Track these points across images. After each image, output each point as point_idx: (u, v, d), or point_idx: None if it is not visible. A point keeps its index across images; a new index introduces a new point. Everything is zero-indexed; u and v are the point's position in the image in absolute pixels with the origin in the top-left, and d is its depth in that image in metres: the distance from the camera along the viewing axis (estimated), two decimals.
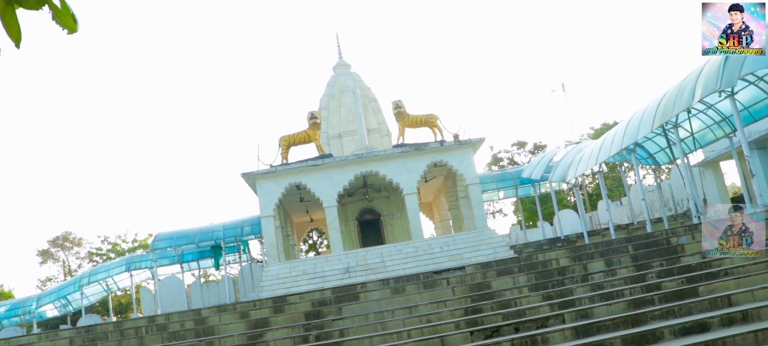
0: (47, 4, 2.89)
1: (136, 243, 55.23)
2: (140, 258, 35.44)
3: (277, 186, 28.56)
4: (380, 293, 19.00)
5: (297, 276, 25.47)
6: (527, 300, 15.93)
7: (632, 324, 12.42)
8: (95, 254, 55.74)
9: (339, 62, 37.65)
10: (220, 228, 30.68)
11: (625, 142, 22.19)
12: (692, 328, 11.35)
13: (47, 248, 57.16)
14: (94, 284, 36.09)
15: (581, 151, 26.68)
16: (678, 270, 15.56)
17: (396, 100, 30.98)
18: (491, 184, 33.30)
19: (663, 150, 26.35)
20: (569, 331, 12.69)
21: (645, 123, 21.03)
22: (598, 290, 15.56)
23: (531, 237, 33.38)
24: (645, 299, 13.81)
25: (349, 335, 15.85)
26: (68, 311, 38.30)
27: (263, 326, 17.88)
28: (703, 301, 12.65)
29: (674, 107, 19.05)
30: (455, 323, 15.14)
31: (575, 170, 25.88)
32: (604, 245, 20.03)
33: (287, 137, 30.31)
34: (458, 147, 29.06)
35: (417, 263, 25.07)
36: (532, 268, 18.90)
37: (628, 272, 16.71)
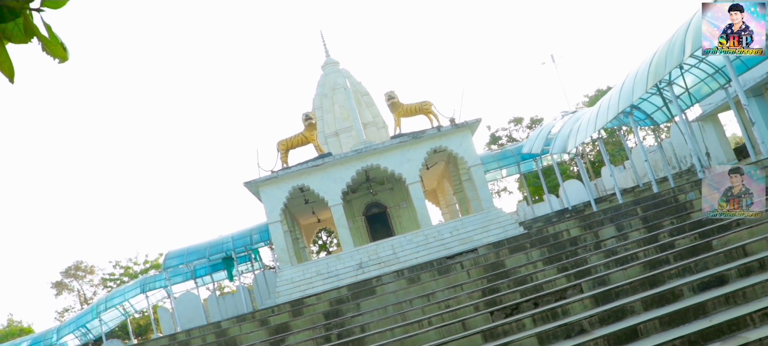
0: (36, 37, 2.89)
1: (147, 264, 55.33)
2: (154, 278, 35.47)
3: (280, 191, 28.60)
4: (396, 285, 19.11)
5: (311, 278, 25.55)
6: (543, 274, 16.03)
7: (650, 285, 12.52)
8: (109, 280, 55.87)
9: (327, 60, 37.63)
10: (229, 239, 30.74)
11: (621, 105, 22.20)
12: (711, 282, 11.43)
13: (61, 279, 57.29)
14: (111, 309, 36.11)
15: (578, 120, 26.69)
16: (689, 226, 15.63)
17: (389, 91, 30.99)
18: (493, 163, 33.31)
19: (660, 109, 26.37)
20: (588, 300, 12.79)
21: (639, 84, 21.04)
22: (612, 255, 15.65)
23: (539, 211, 33.42)
24: (660, 259, 13.90)
25: (370, 330, 15.97)
26: (89, 339, 38.32)
27: (284, 330, 17.99)
28: (718, 254, 12.73)
29: (666, 65, 19.05)
30: (474, 305, 15.25)
31: (575, 140, 25.90)
32: (612, 210, 20.12)
33: (285, 141, 30.33)
34: (455, 130, 29.07)
35: (428, 250, 25.14)
36: (544, 242, 18.99)
37: (640, 234, 16.79)
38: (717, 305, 10.36)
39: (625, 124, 27.47)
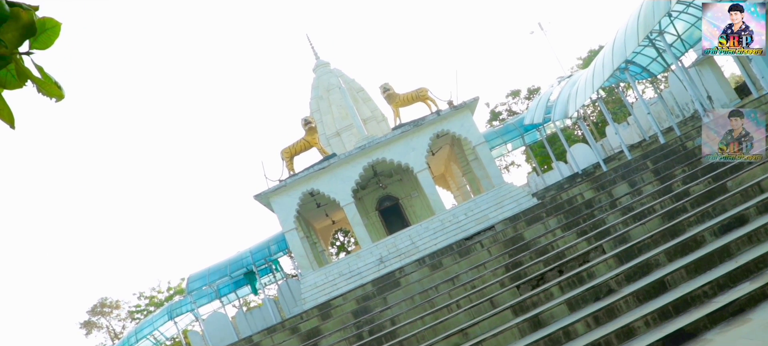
0: (30, 80, 2.90)
1: (171, 290, 55.61)
2: (179, 304, 35.68)
3: (290, 199, 28.73)
4: (419, 274, 19.24)
5: (334, 280, 25.70)
6: (563, 241, 16.14)
7: (671, 236, 12.62)
8: (136, 312, 56.22)
9: (318, 63, 37.70)
10: (248, 254, 30.92)
11: (616, 62, 22.22)
12: (731, 224, 11.53)
13: (88, 319, 57.66)
14: (142, 340, 36.37)
15: (575, 83, 26.71)
16: (702, 172, 15.70)
17: (383, 83, 31.05)
18: (497, 139, 33.40)
19: (655, 60, 26.40)
20: (612, 259, 12.91)
21: (630, 38, 21.05)
22: (629, 212, 15.75)
23: (549, 180, 33.47)
24: (677, 208, 13.99)
25: (400, 322, 16.11)
26: None
27: (315, 335, 18.14)
28: (734, 195, 12.81)
29: (655, 15, 19.07)
30: (499, 281, 15.38)
31: (574, 104, 25.93)
32: (622, 167, 20.21)
33: (288, 149, 30.46)
34: (455, 113, 29.13)
35: (446, 235, 25.25)
36: (559, 209, 19.10)
37: (653, 187, 16.88)
38: (740, 245, 10.47)
39: (623, 80, 27.55)
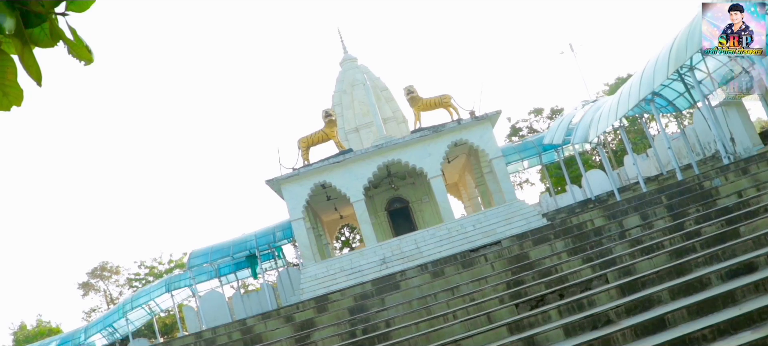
0: (62, 40, 2.92)
1: (172, 263, 55.82)
2: (178, 278, 35.72)
3: (302, 188, 28.68)
4: (420, 279, 19.10)
5: (335, 274, 25.60)
6: (568, 265, 15.94)
7: (677, 274, 12.39)
8: (134, 280, 56.48)
9: (345, 57, 37.65)
10: (253, 237, 30.88)
11: (642, 92, 22.00)
12: (739, 269, 11.29)
13: (87, 280, 57.97)
14: (137, 308, 36.46)
15: (599, 109, 26.51)
16: (715, 213, 15.45)
17: (408, 86, 30.95)
18: (514, 155, 33.20)
19: (682, 95, 26.13)
20: (614, 290, 12.70)
21: (660, 70, 20.83)
22: (638, 245, 15.52)
23: (561, 202, 33.23)
24: (686, 247, 13.76)
25: (395, 325, 15.97)
26: (116, 339, 38.74)
27: (309, 327, 18.05)
28: (746, 241, 12.56)
29: (687, 50, 18.84)
30: (499, 297, 15.21)
31: (596, 129, 25.73)
32: (636, 199, 19.96)
33: (305, 139, 30.42)
34: (476, 123, 28.98)
35: (452, 244, 25.09)
36: (568, 232, 18.88)
37: (665, 222, 16.62)
38: (746, 292, 10.24)
39: (647, 111, 27.27)
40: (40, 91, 3.25)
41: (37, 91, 4.03)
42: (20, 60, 2.94)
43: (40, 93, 11.00)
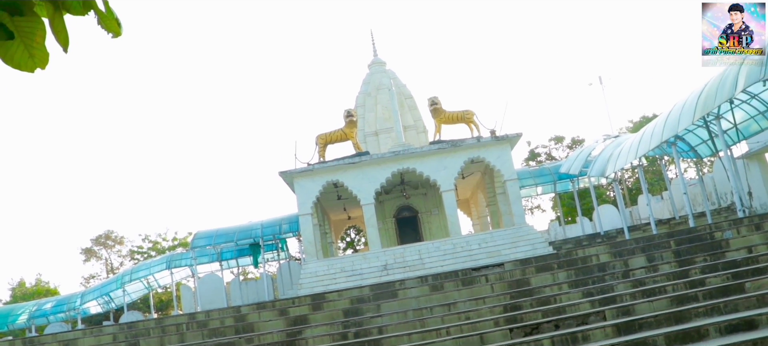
0: (93, 10, 2.97)
1: (176, 241, 56.02)
2: (180, 256, 35.85)
3: (314, 184, 28.66)
4: (419, 291, 18.95)
5: (335, 274, 25.52)
6: (567, 297, 15.74)
7: (675, 321, 12.19)
8: (136, 253, 56.72)
9: (374, 60, 37.65)
10: (258, 226, 30.90)
11: (666, 134, 21.81)
12: (739, 325, 11.07)
13: (90, 247, 58.33)
14: (136, 281, 36.65)
15: (620, 145, 26.32)
16: (723, 266, 15.21)
17: (432, 96, 30.89)
18: (529, 179, 33.03)
19: (705, 142, 25.86)
20: (610, 328, 12.50)
21: (686, 115, 20.63)
22: (640, 286, 15.31)
23: (570, 233, 33.01)
24: (688, 295, 13.54)
25: (388, 332, 15.82)
26: (111, 308, 38.99)
27: (302, 323, 17.94)
28: (749, 297, 12.34)
29: (716, 98, 18.63)
30: (494, 320, 15.03)
31: (614, 165, 25.53)
32: (645, 240, 19.72)
33: (324, 136, 30.42)
34: (495, 143, 28.85)
35: (455, 260, 24.95)
36: (572, 264, 18.68)
37: (671, 267, 16.39)
38: None
39: (668, 154, 27.01)
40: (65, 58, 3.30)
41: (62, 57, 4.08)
42: (50, 24, 3.00)
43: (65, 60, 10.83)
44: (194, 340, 18.21)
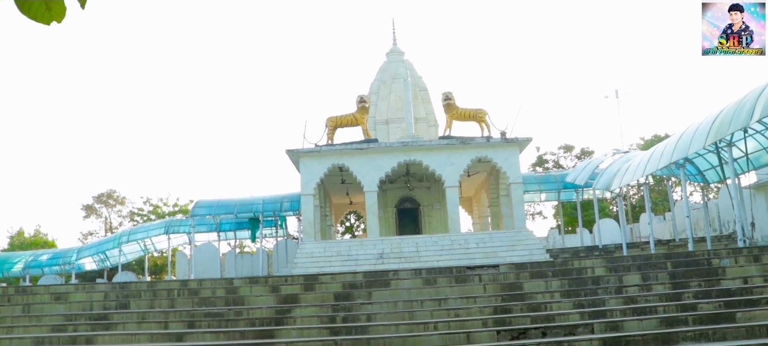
0: None
1: (176, 207, 56.16)
2: (179, 222, 35.97)
3: (320, 165, 28.68)
4: (411, 283, 18.94)
5: (330, 257, 25.55)
6: (558, 306, 15.72)
7: (662, 342, 12.18)
8: (136, 214, 56.89)
9: (393, 49, 37.58)
10: (259, 201, 30.95)
11: (675, 156, 21.72)
12: None
13: (92, 204, 58.53)
14: (133, 242, 36.79)
15: (629, 160, 26.24)
16: (716, 293, 15.17)
17: (446, 91, 30.84)
18: (534, 185, 32.97)
19: (714, 168, 25.73)
20: (597, 341, 12.50)
21: (698, 138, 20.53)
22: (632, 303, 15.28)
23: (569, 243, 32.98)
24: (678, 318, 13.52)
25: (376, 321, 15.85)
26: (106, 266, 39.20)
27: (292, 302, 17.96)
28: (739, 328, 12.31)
29: (730, 125, 18.53)
30: (483, 320, 15.04)
31: (621, 180, 25.45)
32: (642, 258, 19.66)
33: (334, 119, 30.41)
34: (504, 145, 28.81)
35: (451, 256, 24.95)
36: (567, 274, 18.64)
37: (664, 288, 16.34)
38: None
39: (675, 175, 26.87)
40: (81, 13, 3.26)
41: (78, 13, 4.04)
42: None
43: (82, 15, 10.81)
44: (183, 307, 18.27)
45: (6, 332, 16.58)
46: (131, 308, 18.50)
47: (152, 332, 15.79)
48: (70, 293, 20.49)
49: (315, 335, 15.08)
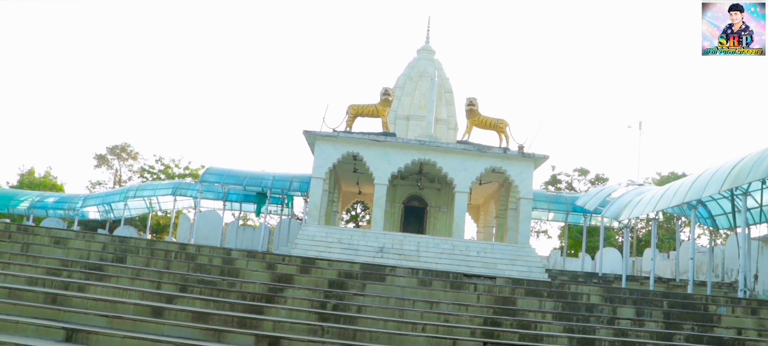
0: None
1: (187, 170, 56.36)
2: (187, 186, 36.06)
3: (335, 151, 28.73)
4: (407, 281, 18.92)
5: (331, 243, 25.58)
6: (548, 327, 15.66)
7: None
8: (147, 171, 57.12)
9: (424, 46, 37.58)
10: (269, 177, 31.02)
11: (689, 196, 21.59)
12: None
13: (105, 154, 58.80)
14: (139, 199, 36.98)
15: (641, 193, 26.10)
16: (708, 339, 15.06)
17: (470, 97, 30.83)
18: (544, 203, 32.87)
19: (725, 214, 25.51)
20: None
21: (714, 182, 20.39)
22: (622, 336, 15.20)
23: (569, 266, 32.88)
24: None
25: (366, 313, 15.85)
26: (109, 218, 39.44)
27: (286, 282, 17.99)
28: None
29: (749, 174, 18.41)
30: (471, 329, 15.01)
31: (631, 211, 25.33)
32: (639, 292, 19.56)
33: (356, 107, 30.45)
34: (520, 159, 28.75)
35: (451, 260, 24.92)
36: (562, 296, 18.55)
37: (657, 326, 16.24)
38: None
39: (686, 215, 26.71)
40: None
41: None
42: None
43: None
44: (178, 270, 18.31)
45: (2, 268, 16.70)
46: (127, 263, 18.58)
47: (144, 290, 15.84)
48: (70, 239, 20.63)
49: (303, 317, 15.08)
